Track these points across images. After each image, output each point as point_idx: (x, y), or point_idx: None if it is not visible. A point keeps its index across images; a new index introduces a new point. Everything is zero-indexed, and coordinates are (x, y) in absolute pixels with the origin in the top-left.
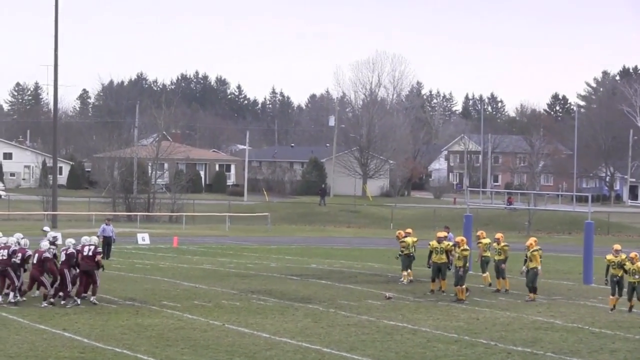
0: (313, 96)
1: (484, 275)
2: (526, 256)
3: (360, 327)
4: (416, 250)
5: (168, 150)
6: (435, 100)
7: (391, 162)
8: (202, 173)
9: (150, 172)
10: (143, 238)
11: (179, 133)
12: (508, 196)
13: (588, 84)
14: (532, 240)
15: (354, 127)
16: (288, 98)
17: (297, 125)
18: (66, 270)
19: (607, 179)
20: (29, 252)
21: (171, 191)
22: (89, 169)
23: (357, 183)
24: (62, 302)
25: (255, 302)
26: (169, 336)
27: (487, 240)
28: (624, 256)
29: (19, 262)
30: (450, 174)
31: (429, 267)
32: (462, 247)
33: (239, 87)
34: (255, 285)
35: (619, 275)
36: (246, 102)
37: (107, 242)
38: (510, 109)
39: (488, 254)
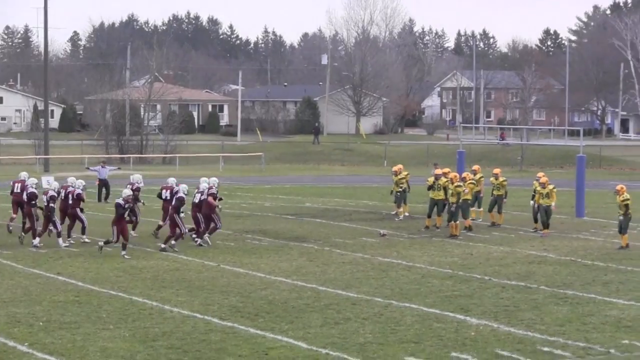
0: (305, 35)
1: (479, 210)
2: (534, 192)
3: (355, 265)
4: (409, 187)
5: (160, 92)
6: (427, 37)
7: (384, 99)
8: (195, 114)
9: (142, 113)
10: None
11: (171, 74)
12: (501, 131)
13: (579, 19)
14: (546, 177)
15: (346, 66)
16: (280, 37)
17: (289, 64)
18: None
19: (599, 113)
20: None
21: (164, 132)
22: (81, 112)
23: (351, 121)
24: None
25: (249, 242)
26: (164, 278)
27: (479, 176)
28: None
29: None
30: (443, 110)
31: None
32: (455, 184)
33: (231, 27)
34: (249, 225)
35: None
36: (238, 42)
37: (103, 184)
38: (502, 45)
39: (479, 188)
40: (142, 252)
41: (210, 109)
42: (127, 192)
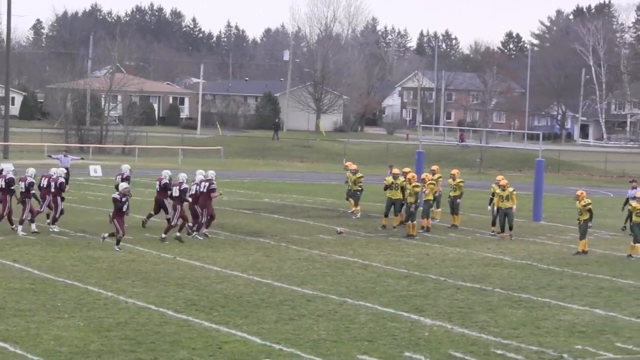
0: (268, 30)
1: (437, 210)
2: (493, 195)
3: (311, 262)
4: (361, 187)
5: (121, 83)
6: (390, 37)
7: (345, 97)
8: (155, 106)
9: (103, 104)
10: (95, 170)
11: (133, 65)
12: (460, 133)
13: (542, 23)
14: (506, 180)
15: (308, 62)
16: (243, 32)
17: (251, 59)
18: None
19: (559, 118)
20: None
21: (124, 123)
22: (42, 100)
23: (311, 118)
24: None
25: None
26: (120, 268)
27: (438, 176)
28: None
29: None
30: (404, 110)
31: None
32: (413, 184)
33: (194, 20)
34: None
35: None
36: (201, 35)
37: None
38: (465, 47)
39: (437, 189)
40: (98, 242)
41: (171, 101)
42: (124, 185)
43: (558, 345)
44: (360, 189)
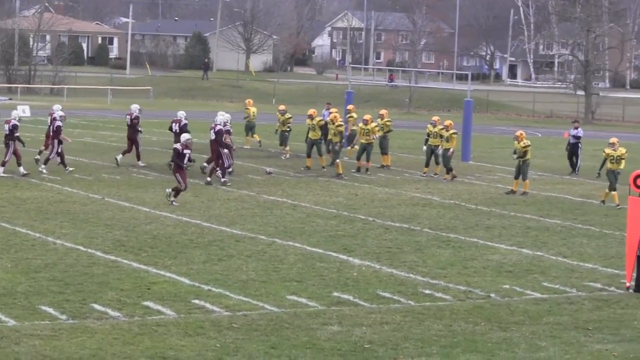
0: None
1: (350, 149)
2: (428, 135)
3: (240, 202)
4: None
5: (50, 22)
6: None
7: (275, 37)
8: (84, 46)
9: (31, 43)
10: (24, 110)
11: (62, 5)
12: (389, 73)
13: None
14: (450, 121)
15: (238, 2)
16: None
17: None
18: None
19: (488, 58)
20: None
21: (53, 63)
22: None
23: (241, 58)
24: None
25: (135, 176)
26: (48, 209)
27: (355, 115)
28: (622, 150)
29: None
30: (333, 50)
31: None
32: (336, 123)
33: None
34: (136, 159)
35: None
36: None
37: None
38: None
39: (356, 128)
40: (26, 182)
41: (100, 41)
42: (187, 136)
43: (485, 285)
44: (288, 129)
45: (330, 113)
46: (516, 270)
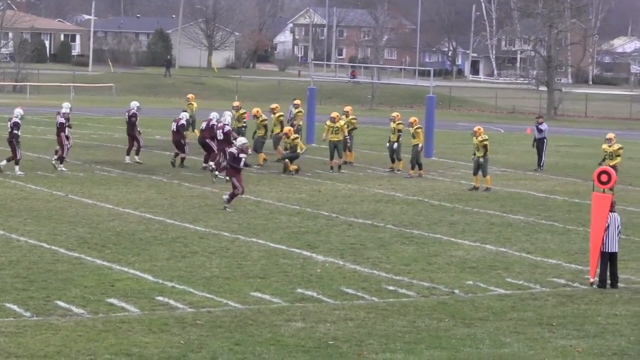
0: None
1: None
2: (392, 131)
3: (203, 199)
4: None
5: (12, 20)
6: None
7: (237, 34)
8: (47, 43)
9: None
10: None
11: (24, 2)
12: (352, 70)
13: None
14: (414, 118)
15: None
16: None
17: None
18: None
19: (450, 54)
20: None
21: (15, 61)
22: None
23: (203, 55)
24: None
25: (98, 173)
26: (12, 206)
27: (297, 110)
28: (616, 147)
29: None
30: (296, 46)
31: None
32: (260, 118)
33: None
34: (99, 156)
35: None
36: None
37: None
38: None
39: (301, 122)
40: None
41: (62, 38)
42: (243, 140)
43: (449, 281)
44: (244, 125)
45: (273, 109)
46: (480, 266)
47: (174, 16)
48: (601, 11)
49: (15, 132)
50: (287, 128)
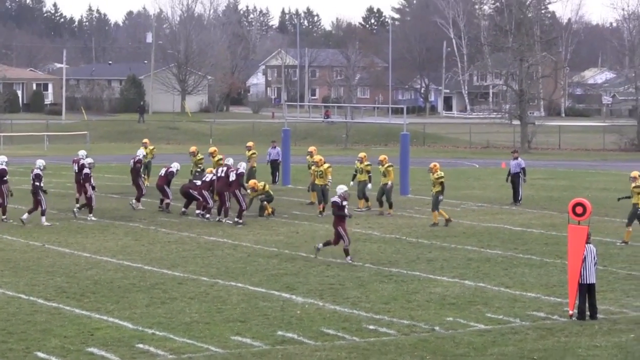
0: (130, 13)
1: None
2: (355, 171)
3: (181, 244)
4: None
5: None
6: (252, 16)
7: (209, 77)
8: (19, 92)
9: None
10: None
11: None
12: (325, 110)
13: None
14: (384, 156)
15: (171, 44)
16: (105, 15)
17: (114, 42)
18: None
19: (422, 91)
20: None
21: None
22: None
23: (176, 100)
24: None
25: (75, 222)
26: None
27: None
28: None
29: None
30: (269, 88)
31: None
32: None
33: (55, 5)
34: (75, 204)
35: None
36: (62, 20)
37: None
38: (326, 23)
39: (255, 164)
40: None
41: (34, 87)
42: (344, 187)
43: (429, 318)
44: (200, 169)
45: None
46: (459, 302)
47: (145, 62)
48: (571, 43)
49: (37, 183)
50: (251, 182)
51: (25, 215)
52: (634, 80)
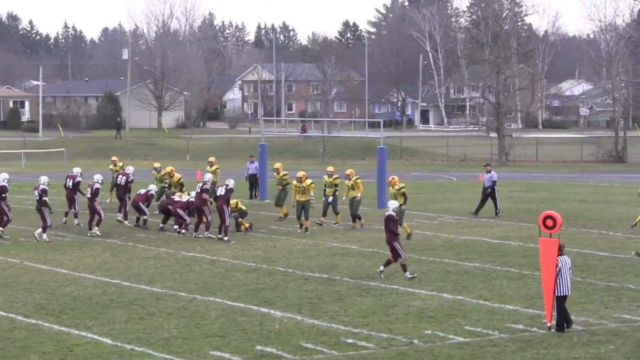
0: (106, 30)
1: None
2: (325, 186)
3: (159, 260)
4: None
5: None
6: (227, 31)
7: (186, 93)
8: None
9: None
10: None
11: None
12: (302, 124)
13: (378, 11)
14: (351, 170)
15: (147, 60)
16: (81, 32)
17: (90, 59)
18: None
19: (399, 104)
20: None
21: None
22: None
23: (153, 115)
24: None
25: (53, 238)
26: None
27: (215, 167)
28: None
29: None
30: (245, 103)
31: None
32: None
33: (30, 22)
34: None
35: None
36: (38, 37)
37: None
38: (302, 38)
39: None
40: None
41: (11, 105)
42: (395, 202)
43: (408, 332)
44: (166, 184)
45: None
46: (438, 315)
47: (122, 78)
48: (548, 55)
49: (45, 199)
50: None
51: (44, 236)
52: (611, 91)
